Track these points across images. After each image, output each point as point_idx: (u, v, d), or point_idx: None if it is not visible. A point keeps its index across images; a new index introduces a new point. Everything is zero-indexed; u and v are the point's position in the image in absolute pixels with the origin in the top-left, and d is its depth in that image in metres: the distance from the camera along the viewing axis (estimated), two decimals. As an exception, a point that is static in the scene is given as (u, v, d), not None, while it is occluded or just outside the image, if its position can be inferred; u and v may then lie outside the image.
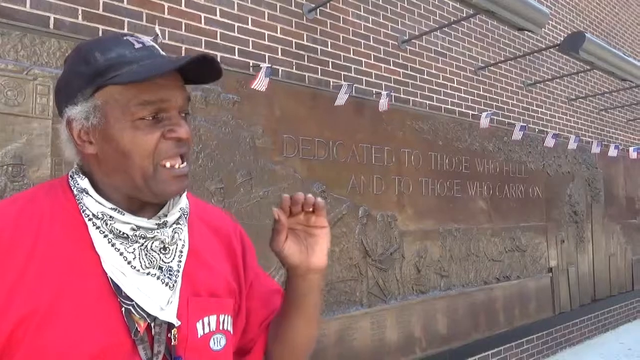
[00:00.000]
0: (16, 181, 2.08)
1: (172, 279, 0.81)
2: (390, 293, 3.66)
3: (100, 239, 0.77)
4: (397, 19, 4.05)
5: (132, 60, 0.76)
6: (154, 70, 0.75)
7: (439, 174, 4.22)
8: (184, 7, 2.78)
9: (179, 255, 0.83)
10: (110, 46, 0.78)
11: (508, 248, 4.87)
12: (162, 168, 0.78)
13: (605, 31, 7.04)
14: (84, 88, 0.77)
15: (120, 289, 0.76)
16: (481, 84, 4.82)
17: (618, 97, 7.12)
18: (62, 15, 2.33)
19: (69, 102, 0.79)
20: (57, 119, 2.22)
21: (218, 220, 0.98)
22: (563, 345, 5.49)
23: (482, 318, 4.46)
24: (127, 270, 0.77)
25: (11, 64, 2.11)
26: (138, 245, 0.79)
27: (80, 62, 0.78)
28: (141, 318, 0.77)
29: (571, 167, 5.89)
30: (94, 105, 0.77)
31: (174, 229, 0.83)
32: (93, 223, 0.78)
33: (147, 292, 0.77)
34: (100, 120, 0.77)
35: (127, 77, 0.74)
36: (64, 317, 0.73)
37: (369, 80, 3.76)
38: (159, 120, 0.78)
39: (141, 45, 0.79)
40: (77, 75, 0.78)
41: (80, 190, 0.80)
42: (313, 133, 3.30)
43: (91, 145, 0.79)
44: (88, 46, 0.79)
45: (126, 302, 0.76)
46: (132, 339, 0.76)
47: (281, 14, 3.25)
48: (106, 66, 0.76)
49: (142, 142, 0.76)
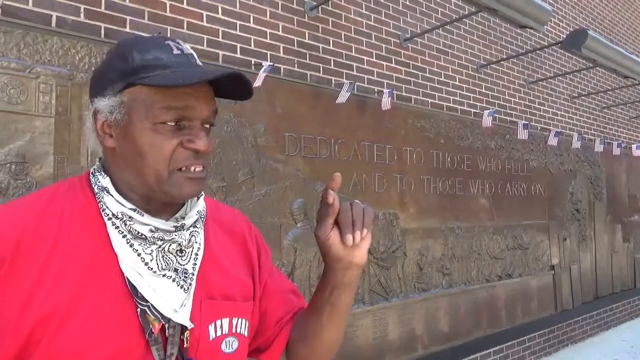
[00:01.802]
0: (19, 179, 2.09)
1: (187, 282, 0.81)
2: (392, 291, 3.66)
3: (118, 239, 0.77)
4: (399, 17, 4.04)
5: (166, 64, 0.77)
6: (184, 79, 0.75)
7: (441, 172, 4.21)
8: (185, 5, 2.78)
9: (194, 258, 0.83)
10: (149, 47, 0.79)
11: (510, 246, 4.86)
12: (176, 171, 0.78)
13: (608, 28, 7.02)
14: (115, 82, 0.78)
15: (137, 289, 0.77)
16: (483, 81, 4.82)
17: (621, 94, 7.10)
18: (64, 13, 2.33)
19: (99, 94, 0.80)
20: (60, 117, 2.23)
21: (233, 221, 0.98)
22: (565, 343, 5.48)
23: (484, 316, 4.46)
24: (143, 271, 0.77)
25: (14, 62, 2.12)
26: (156, 247, 0.79)
27: (117, 57, 0.79)
28: (156, 319, 0.77)
29: (573, 165, 5.88)
30: (120, 101, 0.78)
31: (191, 232, 0.83)
32: (112, 223, 0.78)
33: (162, 293, 0.78)
34: (124, 117, 0.78)
35: (156, 80, 0.75)
36: (82, 317, 0.73)
37: (370, 78, 3.75)
38: (180, 127, 0.78)
39: (179, 52, 0.80)
40: (112, 69, 0.79)
41: (101, 188, 0.80)
42: (315, 131, 3.30)
43: (111, 139, 0.80)
44: (128, 43, 0.80)
45: (142, 303, 0.77)
46: (146, 340, 0.76)
47: (283, 12, 3.25)
48: (140, 66, 0.77)
49: (159, 146, 0.77)
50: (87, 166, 2.29)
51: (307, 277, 3.10)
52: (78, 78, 2.30)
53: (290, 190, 3.11)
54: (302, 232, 3.12)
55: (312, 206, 3.20)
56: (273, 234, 2.98)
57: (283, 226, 3.04)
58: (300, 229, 3.12)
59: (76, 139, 2.27)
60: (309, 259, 3.12)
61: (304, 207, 3.15)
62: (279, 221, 3.03)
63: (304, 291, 3.08)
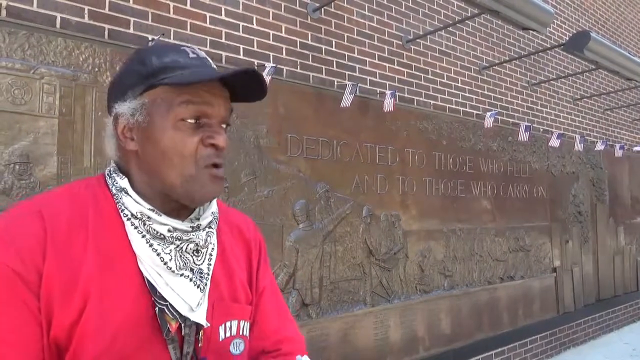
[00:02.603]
0: (23, 179, 2.10)
1: (203, 282, 0.82)
2: (393, 292, 3.66)
3: (138, 239, 0.78)
4: (402, 19, 4.04)
5: (184, 66, 0.80)
6: (202, 76, 0.78)
7: (443, 173, 4.21)
8: (189, 6, 2.79)
9: (208, 258, 0.85)
10: (167, 52, 0.82)
11: (512, 248, 4.86)
12: (203, 169, 0.80)
13: (611, 30, 7.01)
14: (135, 86, 0.80)
15: (155, 288, 0.78)
16: (485, 83, 4.82)
17: (623, 96, 7.09)
18: (68, 14, 2.34)
19: (119, 99, 0.82)
20: (63, 118, 2.24)
21: (242, 226, 0.99)
22: (567, 346, 5.47)
23: (486, 318, 4.45)
24: (162, 270, 0.78)
25: (18, 63, 2.13)
26: (174, 247, 0.80)
27: (136, 62, 0.82)
28: (173, 319, 0.78)
29: (576, 167, 5.87)
30: (141, 103, 0.80)
31: (207, 232, 0.85)
32: (131, 223, 0.79)
33: (180, 293, 0.79)
34: (145, 118, 0.80)
35: (176, 79, 0.78)
36: (106, 317, 0.74)
37: (373, 79, 3.76)
38: (200, 125, 0.80)
39: (195, 56, 0.83)
40: (131, 73, 0.81)
41: (119, 189, 0.81)
42: (317, 132, 3.31)
43: (132, 142, 0.82)
44: (147, 50, 0.84)
45: (160, 302, 0.78)
46: (162, 338, 0.77)
47: (286, 13, 3.26)
48: (159, 68, 0.79)
49: (181, 144, 0.79)
50: (91, 167, 2.30)
51: (308, 278, 3.11)
52: (82, 79, 2.31)
53: (292, 191, 3.12)
54: (304, 233, 3.12)
55: (314, 207, 3.21)
56: (275, 235, 2.99)
57: (285, 227, 3.05)
58: (302, 230, 3.12)
59: (79, 139, 2.28)
60: (311, 260, 3.13)
61: (306, 208, 3.15)
62: (280, 222, 3.03)
63: (306, 292, 3.08)
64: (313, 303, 3.12)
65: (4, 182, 2.05)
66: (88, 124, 2.31)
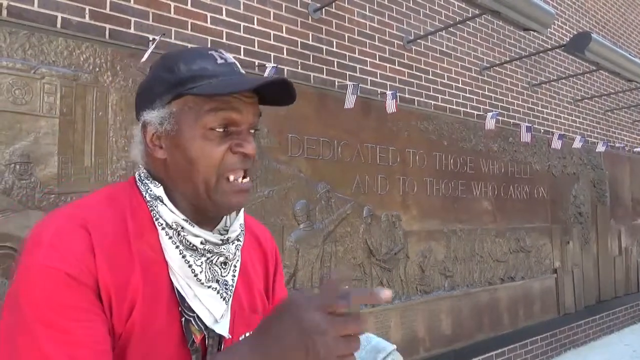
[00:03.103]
0: (23, 179, 2.10)
1: (228, 293, 0.83)
2: (394, 293, 3.66)
3: (172, 249, 0.78)
4: (403, 19, 4.04)
5: (212, 74, 0.79)
6: (231, 87, 0.77)
7: (444, 174, 4.21)
8: (190, 6, 2.79)
9: (233, 270, 0.85)
10: (194, 58, 0.80)
11: (513, 249, 4.85)
12: (224, 180, 0.80)
13: (612, 31, 7.01)
14: (163, 94, 0.79)
15: (184, 299, 0.78)
16: (486, 84, 4.81)
17: (624, 98, 7.09)
18: (69, 14, 2.34)
19: (148, 107, 0.81)
20: (64, 117, 2.24)
21: (260, 236, 1.00)
22: (567, 347, 5.47)
23: (486, 319, 4.45)
24: (192, 282, 0.78)
25: (19, 63, 2.13)
26: (205, 259, 0.80)
27: (164, 69, 0.81)
28: (198, 330, 0.78)
29: (576, 168, 5.86)
30: (169, 112, 0.79)
31: (236, 245, 0.85)
32: (166, 232, 0.78)
33: (207, 304, 0.79)
34: (173, 127, 0.79)
35: (205, 90, 0.77)
36: (146, 327, 0.74)
37: (374, 80, 3.76)
38: (229, 133, 0.80)
39: (223, 61, 0.82)
40: (159, 81, 0.81)
41: (154, 197, 0.80)
42: (318, 133, 3.31)
43: (161, 150, 0.81)
44: (174, 56, 0.82)
45: (188, 313, 0.78)
46: (187, 349, 0.78)
47: (287, 13, 3.26)
48: (188, 77, 0.78)
49: (209, 153, 0.78)
50: (91, 166, 2.30)
51: (309, 279, 3.10)
52: (82, 79, 2.31)
53: (293, 191, 3.12)
54: (304, 234, 3.12)
55: (314, 207, 3.21)
56: (275, 235, 2.97)
57: (285, 227, 3.05)
58: (303, 230, 3.12)
59: (80, 139, 2.28)
60: (312, 260, 3.12)
61: (307, 208, 3.15)
62: (281, 222, 3.03)
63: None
64: (313, 303, 3.11)
65: (4, 181, 2.05)
66: (89, 124, 2.31)
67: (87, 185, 2.27)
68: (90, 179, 2.29)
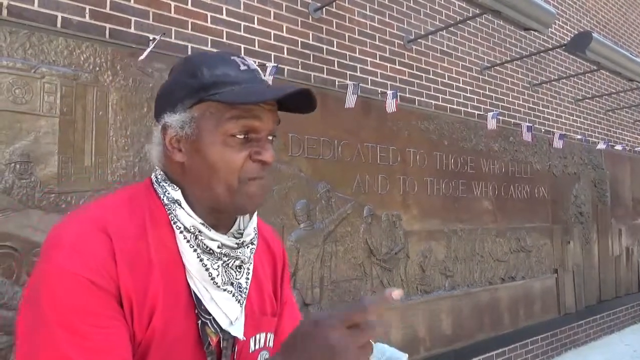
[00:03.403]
0: (24, 178, 2.10)
1: (243, 296, 0.83)
2: (394, 293, 3.65)
3: (189, 252, 0.79)
4: (403, 19, 4.04)
5: (235, 81, 0.79)
6: (255, 97, 0.78)
7: (444, 173, 4.21)
8: (190, 6, 2.79)
9: (246, 272, 0.86)
10: (217, 64, 0.80)
11: (513, 248, 4.85)
12: (244, 183, 0.80)
13: (613, 31, 7.00)
14: (185, 99, 0.80)
15: (201, 302, 0.78)
16: (487, 84, 4.81)
17: (625, 97, 7.08)
18: (69, 14, 2.34)
19: (169, 110, 0.81)
20: (64, 117, 2.24)
21: (269, 238, 1.00)
22: (568, 347, 5.46)
23: (487, 318, 4.44)
24: (209, 285, 0.79)
25: (19, 63, 2.13)
26: (221, 262, 0.81)
27: (187, 73, 0.81)
28: (214, 332, 0.79)
29: (577, 168, 5.86)
30: (191, 116, 0.79)
31: (251, 249, 0.86)
32: (184, 236, 0.79)
33: (222, 307, 0.80)
34: (194, 132, 0.79)
35: (227, 97, 0.77)
36: (165, 331, 0.75)
37: (374, 79, 3.75)
38: (248, 140, 0.80)
39: (246, 68, 0.82)
40: (182, 85, 0.81)
41: (172, 200, 0.81)
42: (318, 132, 3.30)
43: (180, 153, 0.81)
44: (196, 60, 0.83)
45: (205, 315, 0.79)
46: (203, 351, 0.79)
47: (287, 13, 3.25)
48: (210, 82, 0.78)
49: (229, 159, 0.78)
50: (91, 166, 2.30)
51: (309, 278, 3.10)
52: (83, 78, 2.31)
53: (293, 191, 3.11)
54: (304, 233, 3.12)
55: (315, 207, 3.20)
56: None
57: (286, 227, 3.05)
58: (303, 229, 3.12)
59: (80, 139, 2.28)
60: (312, 260, 3.12)
61: (307, 208, 3.15)
62: (281, 222, 3.03)
63: (306, 292, 3.08)
64: (314, 303, 3.12)
65: (4, 181, 2.05)
66: (89, 124, 2.31)
67: (87, 185, 2.27)
68: (90, 179, 2.29)
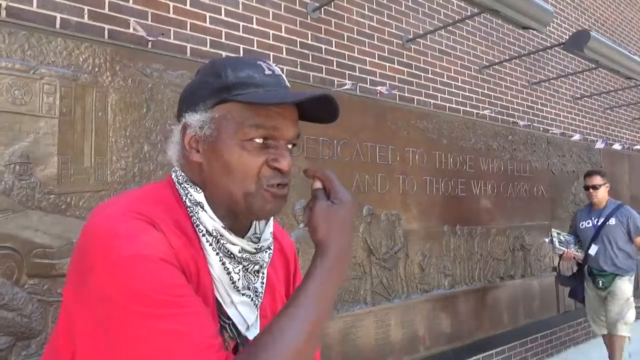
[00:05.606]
0: (23, 179, 2.10)
1: (259, 300, 0.84)
2: (394, 292, 3.66)
3: (213, 256, 0.78)
4: (402, 18, 4.04)
5: (259, 83, 0.79)
6: (277, 99, 0.77)
7: (444, 172, 4.21)
8: (189, 6, 2.79)
9: (262, 276, 0.86)
10: (242, 66, 0.80)
11: (512, 247, 4.86)
12: (262, 187, 0.80)
13: (611, 29, 7.01)
14: (207, 98, 0.79)
15: (221, 306, 0.79)
16: (485, 82, 4.81)
17: (623, 95, 7.09)
18: (68, 14, 2.34)
19: (190, 109, 0.81)
20: (64, 118, 2.24)
21: (282, 241, 1.00)
22: (568, 345, 5.48)
23: (486, 317, 4.45)
24: (230, 289, 0.79)
25: (18, 63, 2.13)
26: (241, 267, 0.81)
27: (211, 74, 0.81)
28: (231, 337, 0.79)
29: (576, 166, 5.87)
30: (211, 117, 0.79)
31: (268, 254, 0.86)
32: (206, 239, 0.78)
33: (242, 311, 0.80)
34: (213, 132, 0.79)
35: (250, 98, 0.77)
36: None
37: (373, 79, 3.76)
38: (267, 146, 0.79)
39: (271, 72, 0.81)
40: (205, 85, 0.80)
41: (194, 202, 0.80)
42: (317, 132, 3.30)
43: (197, 154, 0.81)
44: (222, 62, 0.83)
45: (225, 320, 0.79)
46: None
47: (286, 13, 3.26)
48: (234, 83, 0.78)
49: (247, 163, 0.78)
50: (91, 167, 2.30)
51: (309, 278, 3.10)
52: (82, 79, 2.31)
53: (293, 190, 3.10)
54: (304, 233, 3.12)
55: (314, 207, 3.20)
56: (275, 234, 2.98)
57: (285, 227, 3.05)
58: (303, 229, 3.12)
59: (80, 139, 2.28)
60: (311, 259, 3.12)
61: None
62: (281, 222, 3.03)
63: (306, 292, 3.08)
64: (314, 302, 3.12)
65: (4, 182, 2.05)
66: (88, 124, 2.31)
67: (87, 186, 2.27)
68: (90, 179, 2.29)
